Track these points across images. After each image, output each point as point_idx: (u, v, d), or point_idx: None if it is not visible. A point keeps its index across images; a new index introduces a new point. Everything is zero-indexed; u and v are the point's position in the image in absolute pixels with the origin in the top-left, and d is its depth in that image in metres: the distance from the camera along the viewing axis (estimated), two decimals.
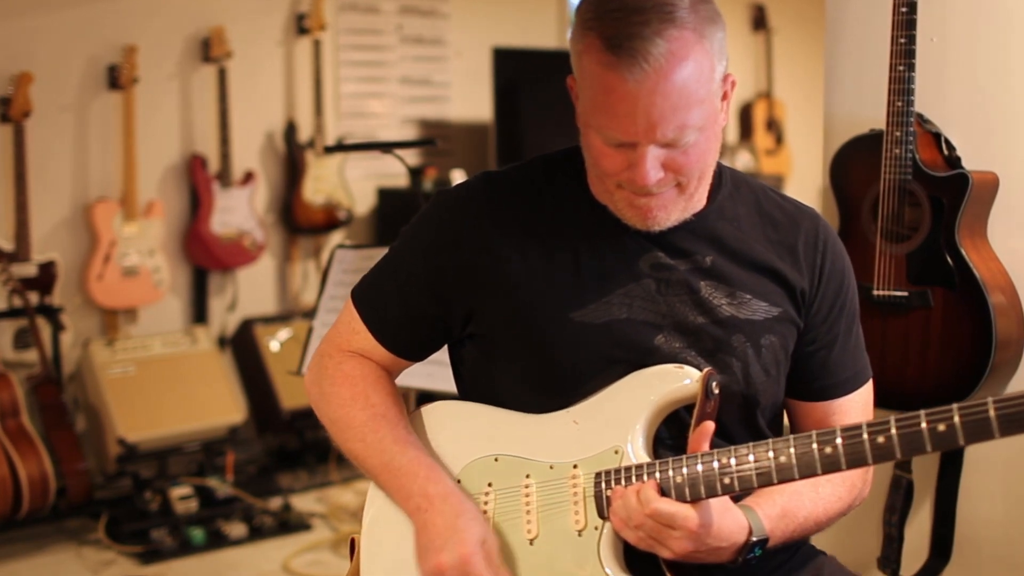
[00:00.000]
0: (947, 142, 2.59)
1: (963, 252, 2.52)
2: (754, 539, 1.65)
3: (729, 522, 1.64)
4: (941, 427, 1.45)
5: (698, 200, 1.77)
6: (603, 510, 1.68)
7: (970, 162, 2.57)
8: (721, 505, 1.63)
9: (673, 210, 1.72)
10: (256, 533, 4.42)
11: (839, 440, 1.53)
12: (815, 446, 1.55)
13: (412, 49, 5.93)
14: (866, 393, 1.90)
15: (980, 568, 2.71)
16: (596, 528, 1.69)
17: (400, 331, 1.87)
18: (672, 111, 1.60)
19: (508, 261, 1.77)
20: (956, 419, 1.44)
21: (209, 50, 5.09)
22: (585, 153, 1.74)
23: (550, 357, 1.76)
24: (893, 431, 1.49)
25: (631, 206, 1.71)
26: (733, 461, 1.60)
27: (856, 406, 1.88)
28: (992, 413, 1.42)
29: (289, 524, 4.51)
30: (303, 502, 4.77)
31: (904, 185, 2.53)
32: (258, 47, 5.38)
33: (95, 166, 4.87)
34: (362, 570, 1.85)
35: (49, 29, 4.74)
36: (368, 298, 1.89)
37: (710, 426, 1.64)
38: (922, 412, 1.47)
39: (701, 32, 1.61)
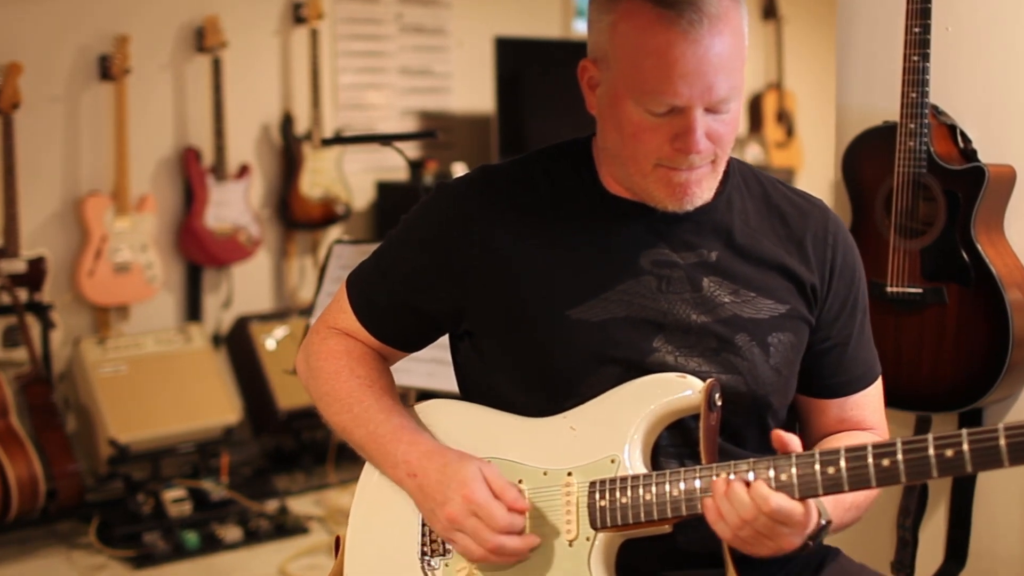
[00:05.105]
0: (962, 134, 2.57)
1: (979, 247, 2.50)
2: (823, 521, 1.62)
3: (808, 506, 1.62)
4: (949, 453, 1.45)
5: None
6: (596, 520, 1.65)
7: (986, 155, 2.56)
8: None
9: (706, 187, 1.71)
10: (252, 537, 4.42)
11: (842, 462, 1.53)
12: (817, 467, 1.54)
13: (412, 39, 5.92)
14: (879, 387, 1.90)
15: (996, 574, 2.69)
16: (588, 539, 1.66)
17: (385, 319, 1.88)
18: (725, 71, 1.62)
19: (504, 257, 1.76)
20: (965, 446, 1.44)
21: (203, 40, 5.10)
22: (612, 135, 1.70)
23: (545, 355, 1.74)
24: (899, 456, 1.48)
25: (668, 185, 1.68)
26: (732, 476, 1.58)
27: (872, 401, 1.88)
28: (1003, 442, 1.42)
29: (285, 527, 4.50)
30: (300, 505, 4.76)
31: (918, 179, 2.52)
32: (254, 37, 5.38)
33: (86, 159, 4.87)
34: (345, 570, 1.84)
35: (39, 18, 4.74)
36: (359, 283, 1.90)
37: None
38: (929, 436, 1.47)
39: None
